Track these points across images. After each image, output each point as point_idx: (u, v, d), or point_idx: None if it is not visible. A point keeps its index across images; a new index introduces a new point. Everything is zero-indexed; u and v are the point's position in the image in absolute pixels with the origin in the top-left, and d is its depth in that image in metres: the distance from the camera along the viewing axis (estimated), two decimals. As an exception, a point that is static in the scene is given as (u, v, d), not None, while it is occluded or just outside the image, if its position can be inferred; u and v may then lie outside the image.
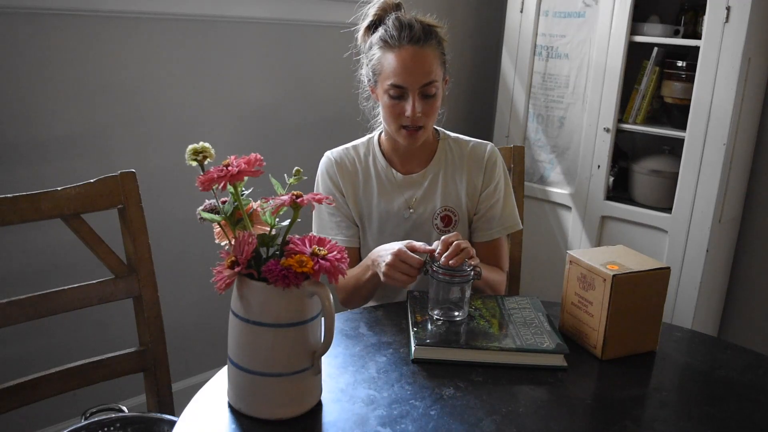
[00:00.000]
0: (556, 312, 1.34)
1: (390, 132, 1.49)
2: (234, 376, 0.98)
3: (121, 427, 1.26)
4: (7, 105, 1.69)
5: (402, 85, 1.40)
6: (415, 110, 1.40)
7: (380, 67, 1.43)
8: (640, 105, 2.47)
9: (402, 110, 1.42)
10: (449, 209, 1.53)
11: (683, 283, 2.35)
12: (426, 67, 1.40)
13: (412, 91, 1.40)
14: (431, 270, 1.26)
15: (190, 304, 2.13)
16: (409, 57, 1.39)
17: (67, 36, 1.75)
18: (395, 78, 1.40)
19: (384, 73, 1.42)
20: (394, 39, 1.41)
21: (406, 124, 1.43)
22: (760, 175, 2.51)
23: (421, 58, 1.40)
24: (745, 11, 2.12)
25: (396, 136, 1.47)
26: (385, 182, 1.53)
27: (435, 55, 1.42)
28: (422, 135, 1.46)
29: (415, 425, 0.97)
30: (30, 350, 1.82)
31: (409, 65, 1.39)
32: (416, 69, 1.39)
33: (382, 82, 1.43)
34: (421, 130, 1.44)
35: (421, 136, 1.46)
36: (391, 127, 1.47)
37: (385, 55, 1.42)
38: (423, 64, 1.40)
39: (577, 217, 2.59)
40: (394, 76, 1.40)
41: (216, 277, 0.92)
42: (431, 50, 1.41)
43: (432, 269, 1.25)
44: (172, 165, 1.97)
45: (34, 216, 1.22)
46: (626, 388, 1.13)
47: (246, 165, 0.93)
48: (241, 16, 2.08)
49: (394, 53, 1.40)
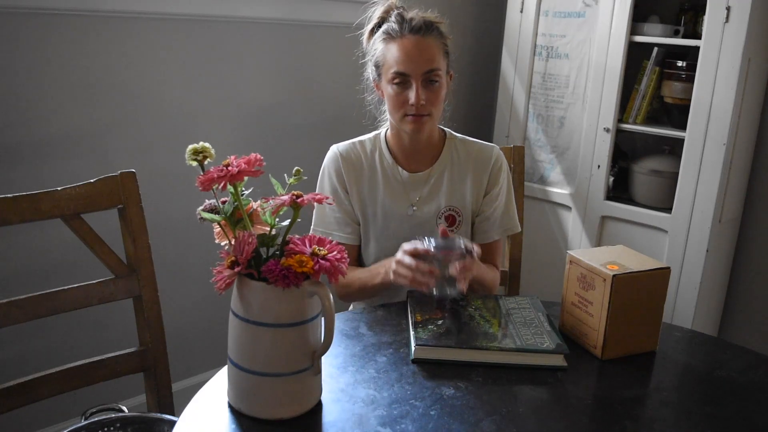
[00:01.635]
0: (556, 312, 1.34)
1: (395, 123, 1.49)
2: (234, 376, 0.98)
3: (121, 427, 1.26)
4: (7, 105, 1.69)
5: (405, 72, 1.42)
6: (419, 96, 1.41)
7: (383, 59, 1.45)
8: (640, 105, 2.47)
9: (406, 98, 1.43)
10: (453, 209, 1.53)
11: (683, 283, 2.35)
12: (428, 54, 1.42)
13: (416, 78, 1.41)
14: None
15: (190, 304, 2.13)
16: (411, 45, 1.42)
17: (67, 36, 1.75)
18: (398, 66, 1.42)
19: (387, 64, 1.44)
20: (395, 31, 1.44)
21: (410, 113, 1.44)
22: (760, 175, 2.51)
23: (423, 46, 1.42)
24: (745, 11, 2.13)
25: (401, 125, 1.47)
26: (390, 179, 1.53)
27: (437, 46, 1.44)
28: (428, 123, 1.46)
29: (415, 425, 0.97)
30: (30, 350, 1.82)
31: (411, 53, 1.42)
32: (418, 56, 1.42)
33: (385, 73, 1.45)
34: (426, 118, 1.45)
35: (426, 124, 1.46)
36: (395, 117, 1.47)
37: (388, 47, 1.44)
38: (425, 51, 1.42)
39: (577, 217, 2.59)
40: (397, 64, 1.42)
41: (216, 277, 0.92)
42: (433, 40, 1.44)
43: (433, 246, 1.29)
44: (172, 165, 1.97)
45: (34, 216, 1.22)
46: (626, 388, 1.13)
47: (246, 165, 0.93)
48: (241, 16, 2.08)
49: (396, 43, 1.43)
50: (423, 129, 1.47)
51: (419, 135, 1.49)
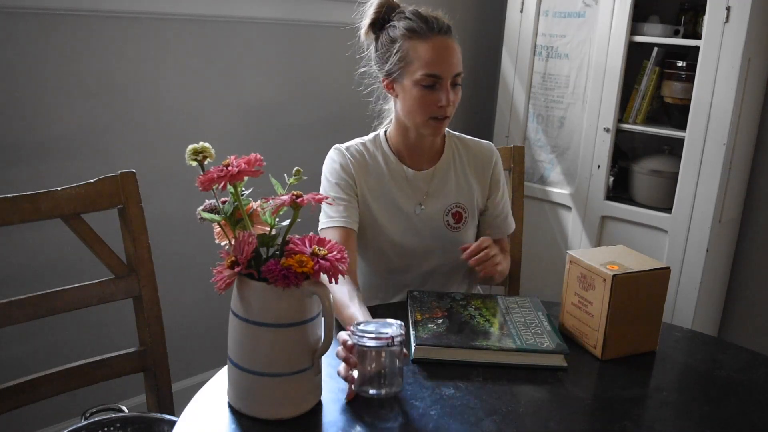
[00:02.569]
0: (556, 312, 1.34)
1: (415, 124, 1.45)
2: (234, 376, 0.98)
3: (121, 427, 1.26)
4: (8, 105, 1.69)
5: (437, 74, 1.39)
6: (450, 99, 1.40)
7: (409, 57, 1.40)
8: (640, 105, 2.47)
9: (434, 100, 1.40)
10: (460, 206, 1.53)
11: (683, 283, 2.35)
12: (457, 56, 1.42)
13: (446, 80, 1.40)
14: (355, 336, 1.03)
15: (190, 304, 2.13)
16: (443, 46, 1.40)
17: (67, 36, 1.75)
18: (430, 67, 1.38)
19: (416, 64, 1.39)
20: (423, 29, 1.40)
21: (436, 115, 1.42)
22: (760, 175, 2.50)
23: (452, 48, 1.42)
24: (745, 11, 2.12)
25: (422, 128, 1.45)
26: (396, 178, 1.52)
27: (459, 48, 1.45)
28: (446, 126, 1.47)
29: (415, 425, 0.97)
30: (30, 350, 1.82)
31: (443, 54, 1.40)
32: (450, 58, 1.40)
33: (411, 73, 1.40)
34: (446, 120, 1.45)
35: (445, 126, 1.47)
36: (418, 119, 1.43)
37: (415, 45, 1.39)
38: (455, 53, 1.42)
39: (577, 217, 2.59)
40: (429, 65, 1.38)
41: (216, 277, 0.92)
42: (455, 42, 1.44)
43: (353, 332, 1.03)
44: (172, 165, 1.97)
45: (34, 216, 1.22)
46: (626, 388, 1.13)
47: (246, 165, 0.93)
48: (241, 16, 2.08)
49: (426, 43, 1.39)
50: (442, 132, 1.47)
51: (436, 137, 1.50)
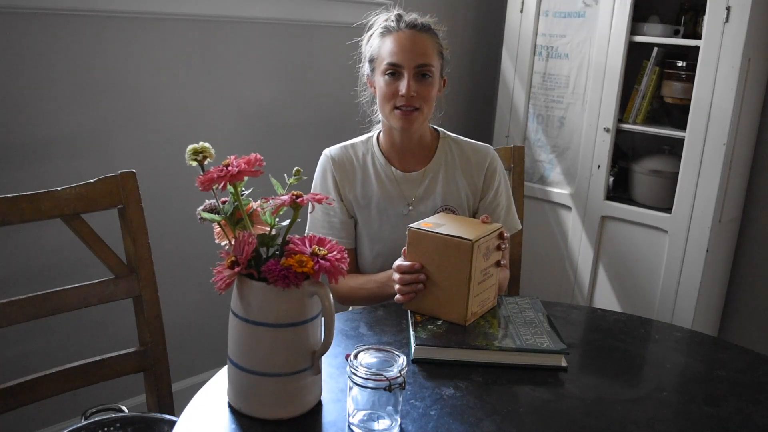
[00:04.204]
0: (556, 312, 1.34)
1: (384, 117, 1.50)
2: (234, 376, 0.98)
3: (121, 427, 1.26)
4: (8, 105, 1.69)
5: (397, 63, 1.43)
6: (410, 88, 1.42)
7: (378, 52, 1.47)
8: (640, 105, 2.47)
9: (396, 90, 1.44)
10: (450, 208, 1.53)
11: (683, 283, 2.35)
12: (422, 48, 1.44)
13: (408, 69, 1.43)
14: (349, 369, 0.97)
15: (190, 304, 2.13)
16: (406, 38, 1.44)
17: (67, 36, 1.74)
18: (391, 57, 1.44)
19: (381, 57, 1.46)
20: (393, 27, 1.46)
21: (398, 105, 1.44)
22: (760, 175, 2.50)
23: (418, 40, 1.44)
24: (745, 11, 2.12)
25: (390, 120, 1.47)
26: (384, 180, 1.53)
27: (432, 43, 1.46)
28: (417, 119, 1.46)
29: (415, 425, 0.97)
30: (30, 350, 1.82)
31: (406, 45, 1.44)
32: (413, 49, 1.43)
33: (379, 66, 1.46)
34: (416, 113, 1.45)
35: (415, 119, 1.45)
36: (385, 110, 1.47)
37: (383, 41, 1.47)
38: (419, 45, 1.44)
39: (577, 217, 2.59)
40: (390, 55, 1.44)
41: (216, 277, 0.92)
42: (428, 38, 1.46)
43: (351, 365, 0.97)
44: (172, 165, 1.97)
45: (34, 216, 1.22)
46: (626, 388, 1.13)
47: (246, 165, 0.93)
48: (241, 16, 2.08)
49: (392, 37, 1.45)
50: (412, 125, 1.46)
51: (408, 131, 1.48)
